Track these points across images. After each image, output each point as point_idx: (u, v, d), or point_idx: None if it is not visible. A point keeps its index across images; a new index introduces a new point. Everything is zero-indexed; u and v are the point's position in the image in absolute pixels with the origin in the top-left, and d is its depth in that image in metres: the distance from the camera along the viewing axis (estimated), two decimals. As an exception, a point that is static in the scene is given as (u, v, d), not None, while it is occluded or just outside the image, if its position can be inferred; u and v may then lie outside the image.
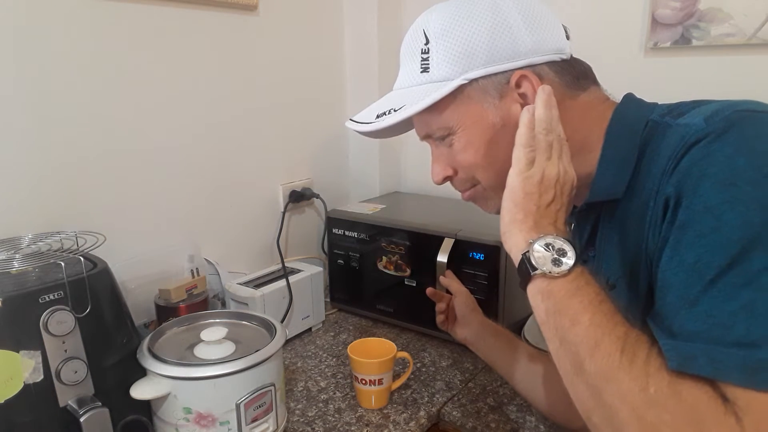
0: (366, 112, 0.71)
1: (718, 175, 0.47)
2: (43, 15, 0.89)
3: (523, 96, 0.61)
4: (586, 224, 0.67)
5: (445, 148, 0.67)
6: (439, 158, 0.69)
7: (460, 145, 0.65)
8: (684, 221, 0.48)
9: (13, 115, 0.88)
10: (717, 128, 0.49)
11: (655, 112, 0.60)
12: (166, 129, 1.09)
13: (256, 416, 0.77)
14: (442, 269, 1.07)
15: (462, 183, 0.69)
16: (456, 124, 0.64)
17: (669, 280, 0.49)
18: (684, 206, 0.49)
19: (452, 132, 0.65)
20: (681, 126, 0.54)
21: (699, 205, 0.47)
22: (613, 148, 0.61)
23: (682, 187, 0.49)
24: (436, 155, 0.69)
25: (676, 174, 0.50)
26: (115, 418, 0.71)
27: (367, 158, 1.50)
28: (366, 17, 1.41)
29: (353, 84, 1.49)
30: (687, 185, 0.49)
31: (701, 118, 0.52)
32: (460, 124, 0.64)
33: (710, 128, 0.50)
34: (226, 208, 1.24)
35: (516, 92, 0.61)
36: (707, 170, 0.48)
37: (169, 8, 1.06)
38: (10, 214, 0.89)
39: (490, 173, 0.65)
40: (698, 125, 0.51)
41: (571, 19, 1.20)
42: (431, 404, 0.94)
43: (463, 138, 0.64)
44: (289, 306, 1.14)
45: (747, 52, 1.04)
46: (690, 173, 0.49)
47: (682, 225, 0.48)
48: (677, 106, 0.59)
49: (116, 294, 0.79)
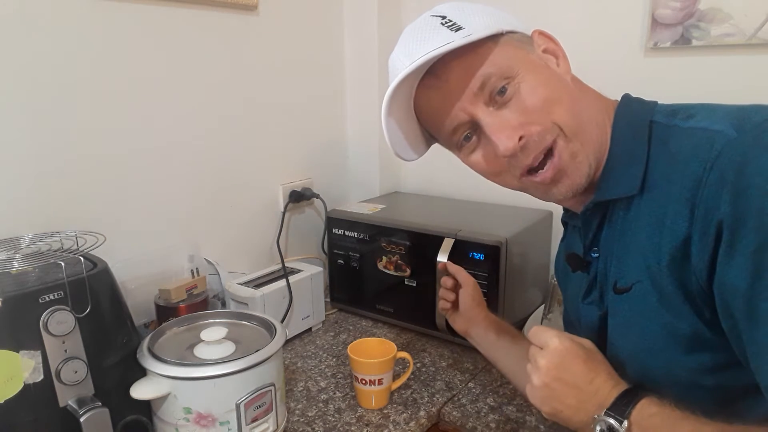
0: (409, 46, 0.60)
1: None
2: (42, 15, 0.89)
3: (546, 51, 0.62)
4: (591, 223, 0.66)
5: (502, 110, 0.59)
6: (502, 123, 0.59)
7: (530, 85, 0.58)
8: (759, 244, 0.47)
9: (13, 114, 0.88)
10: (755, 137, 0.48)
11: (657, 113, 0.60)
12: (166, 129, 1.09)
13: (256, 416, 0.77)
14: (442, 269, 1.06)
15: (540, 139, 0.58)
16: (515, 64, 0.58)
17: (759, 307, 0.47)
18: (752, 227, 0.47)
19: (514, 75, 0.58)
20: (696, 130, 0.53)
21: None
22: (620, 147, 0.61)
23: (742, 207, 0.48)
24: (496, 123, 0.59)
25: (725, 192, 0.49)
26: (115, 418, 0.71)
27: (367, 158, 1.50)
28: (366, 17, 1.41)
29: (353, 84, 1.48)
30: (749, 205, 0.47)
31: (727, 125, 0.51)
32: (520, 64, 0.59)
33: (747, 138, 0.49)
34: (226, 208, 1.24)
35: (540, 49, 0.62)
36: (767, 187, 0.46)
37: (169, 8, 1.06)
38: (10, 214, 0.89)
39: (566, 107, 0.58)
40: (727, 133, 0.50)
41: (572, 19, 1.21)
42: (431, 404, 0.94)
43: (529, 77, 0.58)
44: (289, 306, 1.14)
45: (747, 52, 1.04)
46: (747, 191, 0.47)
47: (758, 248, 0.47)
48: (681, 108, 0.58)
49: (116, 294, 0.79)
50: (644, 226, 0.58)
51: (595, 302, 0.67)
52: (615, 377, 0.58)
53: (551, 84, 0.60)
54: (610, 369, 0.59)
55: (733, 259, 0.49)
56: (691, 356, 0.57)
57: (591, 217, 0.66)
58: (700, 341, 0.55)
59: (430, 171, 1.51)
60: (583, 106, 0.61)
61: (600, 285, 0.66)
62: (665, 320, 0.57)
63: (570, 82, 0.62)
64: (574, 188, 0.61)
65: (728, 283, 0.50)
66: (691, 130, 0.54)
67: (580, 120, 0.59)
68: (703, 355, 0.56)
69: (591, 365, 0.58)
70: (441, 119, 0.63)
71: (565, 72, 0.62)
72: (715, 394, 0.57)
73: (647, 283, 0.58)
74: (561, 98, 0.59)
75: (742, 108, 0.53)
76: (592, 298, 0.68)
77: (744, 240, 0.48)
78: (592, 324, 0.68)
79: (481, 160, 0.64)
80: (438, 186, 1.49)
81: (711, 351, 0.55)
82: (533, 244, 1.21)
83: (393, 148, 0.67)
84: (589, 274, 0.68)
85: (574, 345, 0.59)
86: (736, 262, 0.49)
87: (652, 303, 0.58)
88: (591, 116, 0.61)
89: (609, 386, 0.57)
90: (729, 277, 0.50)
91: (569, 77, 0.62)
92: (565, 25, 0.81)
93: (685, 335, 0.56)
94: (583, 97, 0.62)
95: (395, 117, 0.64)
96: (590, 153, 0.60)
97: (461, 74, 0.59)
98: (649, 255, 0.57)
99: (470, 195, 1.38)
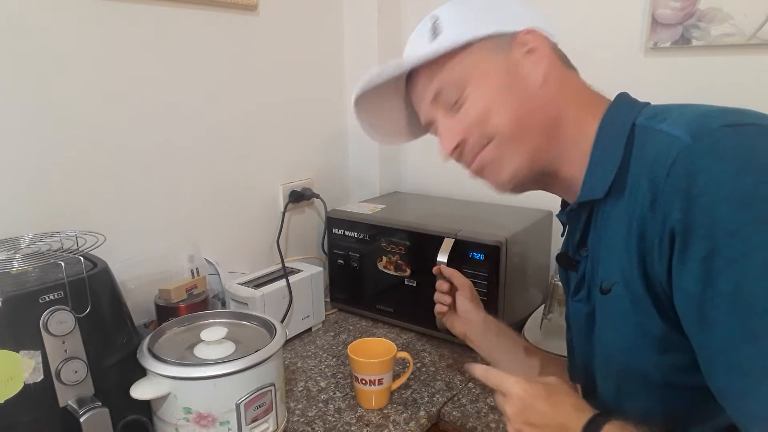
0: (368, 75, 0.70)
1: (732, 198, 0.46)
2: (42, 14, 0.89)
3: (530, 51, 0.63)
4: (578, 223, 0.67)
5: (453, 117, 0.66)
6: (448, 129, 0.67)
7: (474, 96, 0.64)
8: (708, 251, 0.47)
9: (13, 114, 0.88)
10: (708, 145, 0.49)
11: (643, 114, 0.60)
12: (166, 129, 1.09)
13: (256, 416, 0.77)
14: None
15: (474, 146, 0.65)
16: (468, 76, 0.64)
17: (709, 314, 0.48)
18: (702, 235, 0.48)
19: (464, 86, 0.64)
20: (662, 134, 0.54)
21: (721, 231, 0.46)
22: (601, 149, 0.61)
23: (693, 215, 0.48)
24: (445, 127, 0.67)
25: (676, 199, 0.49)
26: (115, 418, 0.71)
27: (367, 158, 1.50)
28: (366, 17, 1.41)
29: (353, 84, 1.48)
30: (698, 212, 0.48)
31: (684, 131, 0.51)
32: (472, 76, 0.64)
33: (700, 145, 0.49)
34: (226, 208, 1.24)
35: (523, 49, 0.64)
36: (718, 194, 0.47)
37: (169, 8, 1.06)
38: (10, 214, 0.89)
39: (504, 116, 0.63)
40: (683, 140, 0.51)
41: (572, 19, 1.21)
42: (431, 404, 0.94)
43: (476, 88, 0.64)
44: (289, 306, 1.14)
45: (747, 52, 1.04)
46: (697, 200, 0.48)
47: (708, 255, 0.47)
48: (663, 110, 0.59)
49: (116, 294, 0.79)
50: (620, 228, 0.58)
51: (583, 300, 0.68)
52: (580, 407, 0.59)
53: (498, 94, 0.63)
54: (574, 400, 0.60)
55: (685, 265, 0.50)
56: (664, 356, 0.57)
57: (575, 217, 0.67)
58: (670, 342, 0.56)
59: (430, 171, 1.51)
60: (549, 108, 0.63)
61: (588, 284, 0.67)
62: (637, 321, 0.58)
63: (536, 86, 0.63)
64: (499, 186, 0.67)
65: (682, 289, 0.51)
66: (659, 133, 0.55)
67: (522, 126, 0.62)
68: (674, 356, 0.57)
69: (553, 401, 0.59)
70: (420, 114, 0.72)
71: (540, 73, 0.63)
72: (690, 394, 0.57)
73: (622, 284, 0.59)
74: (501, 107, 0.63)
75: (705, 112, 0.54)
76: (580, 296, 0.69)
77: (694, 247, 0.48)
78: (580, 321, 0.70)
79: None
80: (438, 186, 1.49)
81: (681, 352, 0.55)
82: (533, 244, 1.21)
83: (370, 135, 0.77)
84: (578, 273, 0.69)
85: (534, 386, 0.60)
86: (688, 269, 0.49)
87: (626, 304, 0.59)
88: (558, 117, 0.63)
89: (575, 417, 0.57)
90: (682, 283, 0.50)
91: (541, 79, 0.63)
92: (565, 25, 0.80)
93: (655, 336, 0.57)
94: (558, 97, 0.63)
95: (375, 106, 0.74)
96: (529, 154, 0.63)
97: (425, 83, 0.67)
98: (623, 257, 0.58)
99: (470, 195, 1.38)
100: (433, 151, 0.73)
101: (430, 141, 0.72)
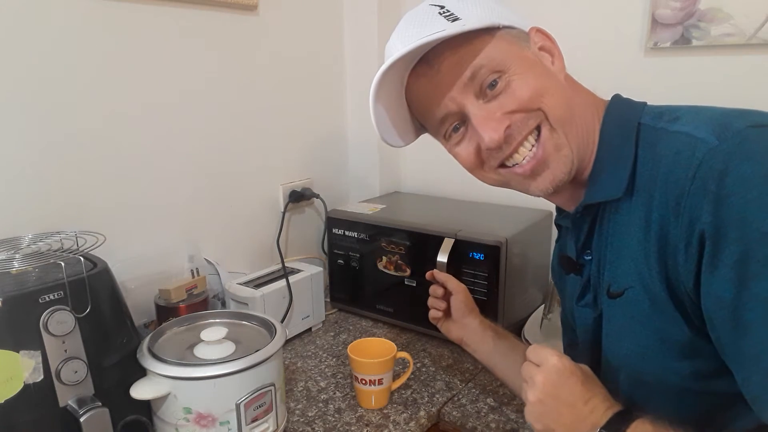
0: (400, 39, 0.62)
1: (762, 198, 0.46)
2: (42, 14, 0.89)
3: (543, 48, 0.62)
4: (582, 226, 0.66)
5: (491, 102, 0.59)
6: (489, 115, 0.59)
7: (519, 79, 0.58)
8: (741, 254, 0.47)
9: (13, 114, 0.88)
10: (735, 146, 0.48)
11: (645, 115, 0.59)
12: (166, 129, 1.09)
13: (256, 416, 0.77)
14: (443, 269, 1.06)
15: (522, 125, 0.59)
16: (505, 58, 0.59)
17: (744, 318, 0.47)
18: (733, 239, 0.47)
19: (505, 69, 0.59)
20: (680, 135, 0.53)
21: (753, 233, 0.46)
22: (607, 150, 0.61)
23: (722, 217, 0.47)
24: (483, 115, 0.59)
25: (704, 201, 0.49)
26: (115, 418, 0.71)
27: (367, 158, 1.50)
28: (366, 17, 1.41)
29: (353, 84, 1.48)
30: (728, 214, 0.47)
31: (708, 132, 0.50)
32: (510, 59, 0.59)
33: (727, 146, 0.49)
34: (226, 208, 1.24)
35: (536, 46, 0.62)
36: (747, 195, 0.46)
37: (169, 8, 1.06)
38: (10, 214, 0.89)
39: (557, 97, 0.59)
40: (708, 141, 0.50)
41: (572, 19, 1.21)
42: (431, 404, 0.94)
43: (520, 72, 0.59)
44: (289, 306, 1.14)
45: (747, 52, 1.04)
46: (726, 201, 0.47)
47: (740, 258, 0.47)
48: (667, 110, 0.58)
49: (116, 294, 0.79)
50: (634, 230, 0.57)
51: (589, 305, 0.67)
52: (611, 400, 0.58)
53: (542, 79, 0.60)
54: (606, 392, 0.59)
55: (716, 269, 0.49)
56: (684, 362, 0.57)
57: (581, 220, 0.66)
58: (692, 348, 0.55)
59: (430, 171, 1.51)
60: (575, 103, 0.61)
61: (594, 288, 0.66)
62: (657, 326, 0.57)
63: (563, 80, 0.62)
64: (555, 182, 0.61)
65: (713, 294, 0.50)
66: (676, 134, 0.54)
67: (570, 113, 0.59)
68: (695, 362, 0.56)
69: (588, 386, 0.58)
70: (431, 108, 0.63)
71: (559, 70, 0.63)
72: (707, 400, 0.57)
73: (639, 288, 0.58)
74: (552, 91, 0.59)
75: (725, 113, 0.53)
76: (586, 300, 0.68)
77: (726, 250, 0.48)
78: (587, 326, 0.68)
79: (464, 152, 0.64)
80: (438, 186, 1.49)
81: (703, 358, 0.55)
82: (533, 244, 1.21)
83: (380, 133, 0.68)
84: (582, 277, 0.68)
85: (573, 365, 0.59)
86: (720, 273, 0.48)
87: (645, 309, 0.58)
88: (581, 114, 0.61)
89: (604, 407, 0.56)
90: (713, 287, 0.49)
91: (563, 76, 0.63)
92: (564, 24, 0.81)
93: (677, 341, 0.56)
94: (575, 95, 0.63)
95: (384, 103, 0.65)
96: (575, 148, 0.60)
97: (453, 64, 0.60)
98: (640, 261, 0.57)
99: (470, 195, 1.38)
100: (433, 152, 0.73)
101: (430, 141, 0.72)
